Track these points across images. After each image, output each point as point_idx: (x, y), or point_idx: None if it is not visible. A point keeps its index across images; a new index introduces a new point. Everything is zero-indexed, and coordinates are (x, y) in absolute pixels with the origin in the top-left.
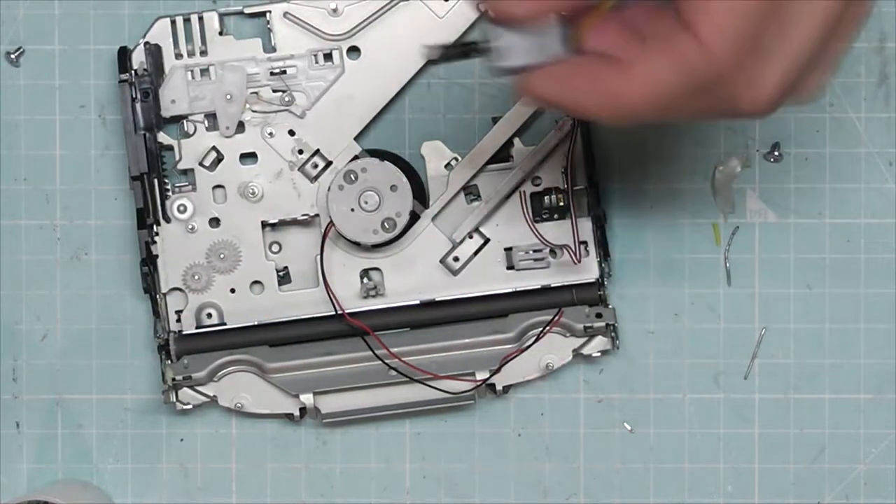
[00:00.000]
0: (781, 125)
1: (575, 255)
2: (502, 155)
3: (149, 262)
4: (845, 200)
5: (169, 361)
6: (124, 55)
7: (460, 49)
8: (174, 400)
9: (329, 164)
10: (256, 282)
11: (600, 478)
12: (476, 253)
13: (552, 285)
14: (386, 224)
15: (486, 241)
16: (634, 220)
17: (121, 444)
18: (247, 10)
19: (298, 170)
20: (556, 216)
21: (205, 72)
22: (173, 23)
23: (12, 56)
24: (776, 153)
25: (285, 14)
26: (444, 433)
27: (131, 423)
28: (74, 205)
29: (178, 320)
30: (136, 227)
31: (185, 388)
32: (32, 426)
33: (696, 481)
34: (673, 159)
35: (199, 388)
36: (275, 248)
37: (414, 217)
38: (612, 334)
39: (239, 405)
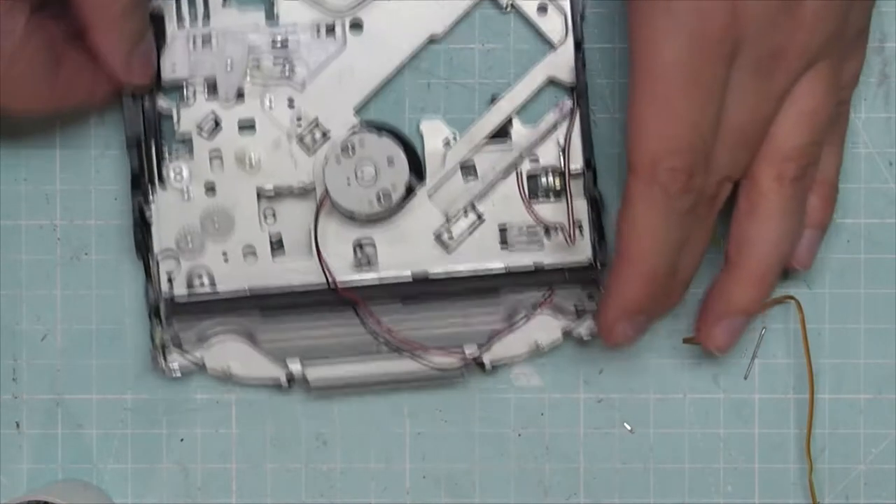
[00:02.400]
0: None
1: (569, 235)
2: (500, 134)
3: (142, 225)
4: (845, 200)
5: (159, 325)
6: None
7: None
8: (163, 364)
9: (327, 135)
10: (250, 250)
11: (600, 478)
12: (470, 230)
13: (545, 265)
14: (381, 197)
15: (481, 218)
16: None
17: (121, 444)
18: None
19: (296, 140)
20: (552, 197)
21: (206, 40)
22: None
23: None
24: None
25: None
26: (444, 433)
27: (131, 423)
28: (74, 205)
29: (170, 285)
30: (131, 189)
31: (174, 353)
32: (32, 426)
33: (696, 481)
34: None
35: (187, 353)
36: (269, 217)
37: (409, 191)
38: None
39: (227, 371)
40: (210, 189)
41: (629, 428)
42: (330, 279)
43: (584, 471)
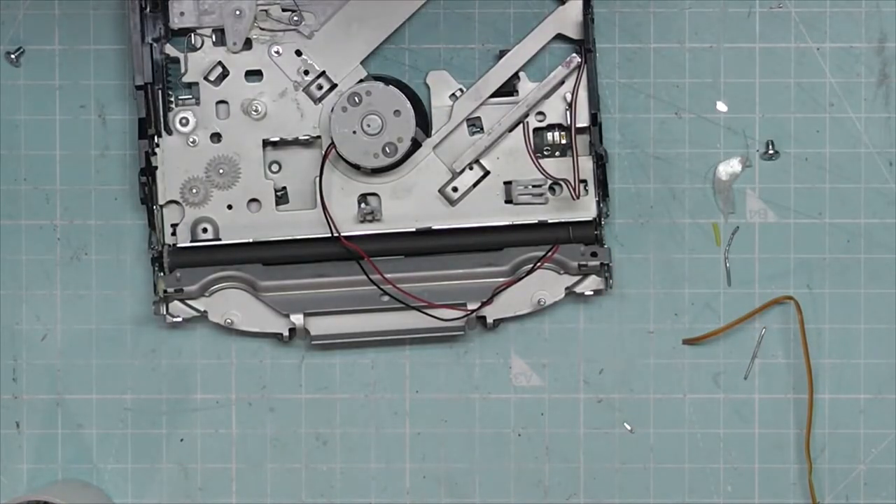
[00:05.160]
0: (781, 125)
1: (574, 190)
2: (507, 89)
3: (147, 172)
4: (845, 200)
5: (161, 274)
6: None
7: None
8: (165, 312)
9: (334, 86)
10: (254, 199)
11: (600, 478)
12: (475, 184)
13: (549, 221)
14: (387, 148)
15: (486, 173)
16: (634, 221)
17: (121, 444)
18: None
19: (303, 90)
20: (557, 153)
21: None
22: None
23: (12, 56)
24: (770, 151)
25: None
26: (444, 433)
27: (131, 423)
28: (74, 205)
29: (174, 233)
30: (137, 138)
31: (175, 302)
32: (32, 426)
33: (696, 481)
34: (673, 159)
35: (190, 302)
36: (274, 167)
37: (415, 144)
38: (606, 274)
39: (229, 321)
40: (216, 137)
41: (629, 428)
42: (334, 230)
43: (584, 471)
